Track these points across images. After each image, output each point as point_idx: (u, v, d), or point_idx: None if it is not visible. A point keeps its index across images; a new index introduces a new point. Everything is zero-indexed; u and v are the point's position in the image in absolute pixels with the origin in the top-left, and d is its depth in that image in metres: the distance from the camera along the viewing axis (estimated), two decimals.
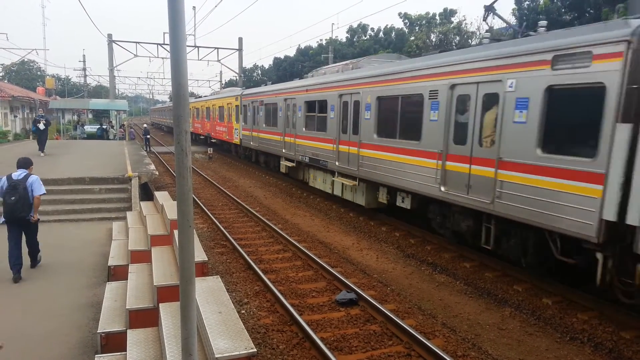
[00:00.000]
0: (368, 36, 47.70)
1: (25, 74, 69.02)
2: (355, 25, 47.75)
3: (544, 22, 8.72)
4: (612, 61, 6.08)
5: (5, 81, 47.39)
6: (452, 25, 35.89)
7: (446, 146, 9.20)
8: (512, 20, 29.08)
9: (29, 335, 5.62)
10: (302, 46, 53.74)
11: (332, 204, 14.97)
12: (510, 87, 7.65)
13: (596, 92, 6.22)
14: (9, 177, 7.31)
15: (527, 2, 26.62)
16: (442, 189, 9.26)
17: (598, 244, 6.29)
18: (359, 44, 45.44)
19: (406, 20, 41.03)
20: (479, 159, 8.40)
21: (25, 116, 37.12)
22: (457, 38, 34.33)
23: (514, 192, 7.60)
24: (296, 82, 18.08)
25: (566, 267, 7.46)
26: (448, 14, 38.25)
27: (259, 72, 68.79)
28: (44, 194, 7.62)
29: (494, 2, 10.50)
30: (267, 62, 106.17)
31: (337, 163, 13.79)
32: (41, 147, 19.16)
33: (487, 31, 11.06)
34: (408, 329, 6.17)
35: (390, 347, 6.05)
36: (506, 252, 8.39)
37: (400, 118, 10.88)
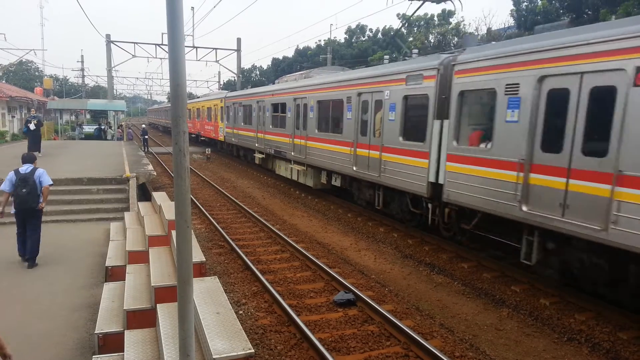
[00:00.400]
0: (366, 37, 47.75)
1: (23, 74, 68.85)
2: (353, 26, 47.81)
3: (415, 50, 12.91)
4: (431, 80, 9.55)
5: (3, 81, 47.33)
6: (450, 26, 35.96)
7: (356, 137, 12.58)
8: (511, 21, 29.14)
9: (27, 335, 5.61)
10: (301, 47, 53.80)
11: (330, 205, 14.97)
12: (387, 96, 11.02)
13: (425, 100, 9.73)
14: (17, 172, 7.88)
15: (525, 4, 26.68)
16: (354, 168, 12.69)
17: (428, 197, 9.87)
18: (358, 45, 45.47)
19: (405, 21, 41.04)
20: (374, 145, 11.69)
21: (23, 117, 37.05)
22: (456, 39, 34.38)
23: (390, 167, 11.00)
24: (265, 88, 21.64)
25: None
26: (446, 15, 38.31)
27: (257, 72, 68.79)
28: (52, 184, 8.31)
29: (397, 32, 13.85)
30: (265, 63, 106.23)
31: (292, 153, 17.05)
32: (35, 148, 18.04)
33: (485, 34, 11.08)
34: (406, 329, 6.17)
35: (388, 347, 6.05)
36: (390, 210, 12.04)
37: (331, 117, 14.18)
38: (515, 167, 7.51)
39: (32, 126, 18.53)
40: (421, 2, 12.60)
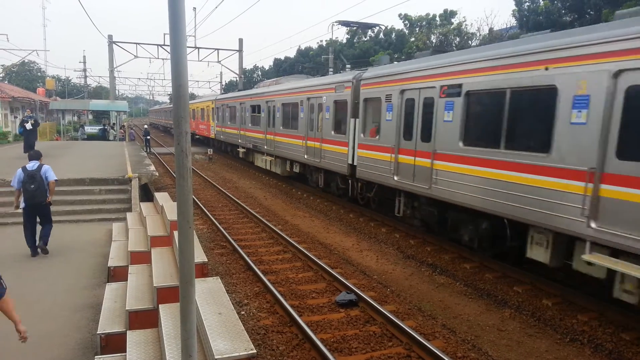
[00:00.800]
0: (368, 37, 47.73)
1: (25, 75, 69.04)
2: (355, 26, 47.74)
3: (349, 65, 15.49)
4: (348, 90, 13.13)
5: (6, 82, 47.42)
6: (452, 27, 35.91)
7: (306, 132, 15.97)
8: (513, 21, 29.09)
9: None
10: (303, 47, 53.81)
11: (332, 205, 14.97)
12: (324, 100, 14.56)
13: (344, 104, 13.35)
14: (24, 169, 8.29)
15: (527, 4, 26.63)
16: (305, 157, 16.17)
17: (348, 176, 13.43)
18: (359, 45, 45.45)
19: (406, 22, 41.02)
20: (317, 138, 15.25)
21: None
22: (457, 39, 34.33)
23: (326, 154, 14.50)
24: (246, 91, 25.30)
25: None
26: (448, 15, 38.24)
27: (259, 73, 68.84)
28: (57, 179, 8.80)
29: (342, 48, 14.53)
30: (267, 63, 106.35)
31: (265, 147, 20.56)
32: (31, 149, 17.22)
33: (487, 34, 11.25)
34: (408, 330, 6.16)
35: (390, 348, 6.04)
36: (330, 189, 15.41)
37: (291, 116, 17.51)
38: (391, 150, 11.12)
39: (28, 126, 18.09)
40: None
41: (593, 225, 6.36)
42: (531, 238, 7.74)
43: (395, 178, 10.89)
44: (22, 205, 8.32)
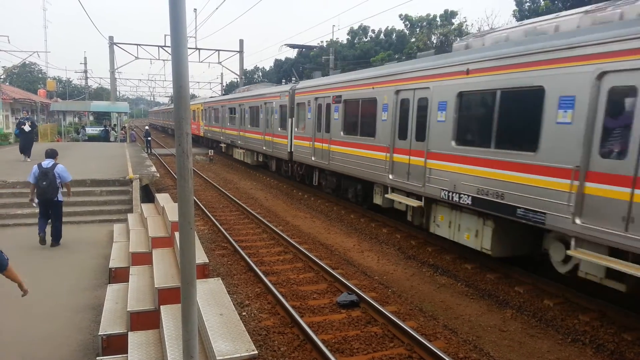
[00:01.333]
0: (369, 38, 47.73)
1: (26, 76, 69.11)
2: (356, 27, 47.80)
3: (318, 72, 20.69)
4: (287, 97, 17.70)
5: (7, 83, 47.47)
6: (452, 27, 35.91)
7: (264, 129, 20.54)
8: (514, 21, 29.07)
9: (30, 337, 5.62)
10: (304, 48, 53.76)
11: (333, 206, 14.97)
12: (274, 104, 19.22)
13: (286, 107, 17.85)
14: (40, 166, 8.84)
15: (527, 4, 26.63)
16: (264, 148, 20.90)
17: (288, 160, 18.16)
18: (360, 46, 45.46)
19: (407, 22, 41.03)
20: (269, 134, 19.92)
21: None
22: (458, 40, 34.33)
23: (277, 145, 18.99)
24: (226, 96, 31.26)
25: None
26: (449, 15, 38.24)
27: (260, 73, 68.89)
28: (71, 179, 9.41)
29: (293, 63, 19.55)
30: (268, 64, 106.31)
31: (239, 142, 25.38)
32: (26, 152, 17.31)
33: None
34: (409, 330, 6.16)
35: (392, 349, 6.04)
36: (280, 172, 20.20)
37: (255, 117, 22.10)
38: (311, 140, 15.72)
39: (26, 128, 17.54)
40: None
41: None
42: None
43: (313, 159, 15.69)
44: (36, 200, 8.98)
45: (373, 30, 47.87)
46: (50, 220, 9.17)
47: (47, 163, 8.91)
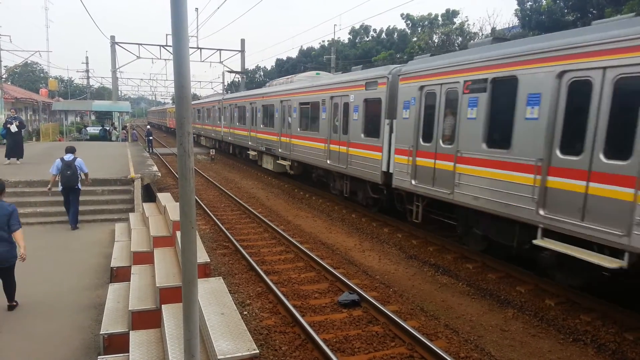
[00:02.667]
0: (370, 37, 47.68)
1: (28, 75, 69.18)
2: (357, 26, 47.76)
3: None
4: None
5: (9, 83, 47.54)
6: (454, 26, 35.85)
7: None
8: (515, 20, 29.02)
9: (32, 336, 5.63)
10: (305, 47, 53.79)
11: (335, 205, 14.96)
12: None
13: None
14: (62, 159, 10.35)
15: (529, 3, 26.56)
16: (249, 143, 23.13)
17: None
18: (362, 45, 45.42)
19: (408, 21, 40.98)
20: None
21: (28, 118, 37.23)
22: (460, 39, 34.27)
23: (257, 141, 21.87)
24: (258, 90, 28.10)
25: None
26: (450, 14, 38.19)
27: (261, 73, 68.86)
28: (88, 172, 10.94)
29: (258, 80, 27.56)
30: (269, 64, 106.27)
31: (230, 138, 28.43)
32: (18, 153, 16.05)
33: (489, 35, 11.30)
34: (411, 330, 6.16)
35: (393, 348, 6.04)
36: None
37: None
38: (278, 135, 18.70)
39: (13, 128, 15.97)
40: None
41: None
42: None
43: (280, 150, 18.81)
44: (59, 188, 10.42)
45: (375, 30, 47.83)
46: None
47: (68, 157, 10.45)
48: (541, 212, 7.18)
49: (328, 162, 14.54)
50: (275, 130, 19.25)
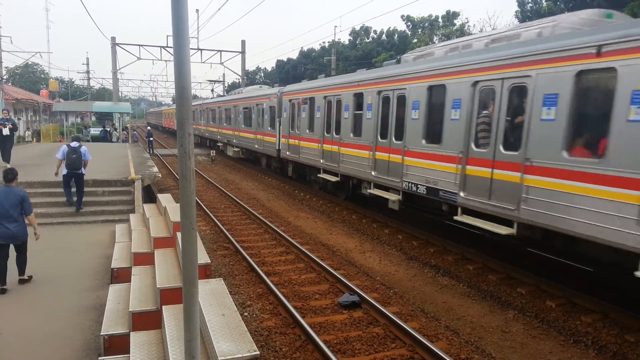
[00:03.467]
0: (371, 39, 47.76)
1: (29, 76, 69.24)
2: (358, 27, 47.83)
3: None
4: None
5: (9, 84, 47.60)
6: (454, 28, 35.91)
7: (234, 127, 26.21)
8: (516, 22, 29.05)
9: (32, 337, 5.63)
10: (305, 49, 53.88)
11: (335, 207, 14.96)
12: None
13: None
14: (69, 146, 11.43)
15: (529, 5, 26.61)
16: (234, 141, 26.53)
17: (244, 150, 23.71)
18: (362, 47, 45.49)
19: (409, 23, 41.05)
20: (235, 129, 26.19)
21: (29, 119, 37.28)
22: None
23: (238, 139, 26.07)
24: (197, 101, 39.93)
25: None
26: (451, 16, 38.26)
27: (262, 74, 68.95)
28: (90, 159, 11.89)
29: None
30: (270, 65, 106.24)
31: (218, 137, 31.21)
32: (5, 157, 15.22)
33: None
34: (411, 331, 6.15)
35: (394, 349, 6.03)
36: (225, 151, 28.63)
37: (229, 117, 27.75)
38: (232, 130, 27.04)
39: (5, 131, 15.02)
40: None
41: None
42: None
43: (256, 146, 22.43)
44: (64, 172, 11.30)
45: (375, 31, 47.93)
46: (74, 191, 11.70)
47: (74, 144, 11.53)
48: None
49: (256, 146, 22.88)
50: (231, 126, 27.71)
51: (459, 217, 8.92)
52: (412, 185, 10.41)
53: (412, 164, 10.42)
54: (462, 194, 8.83)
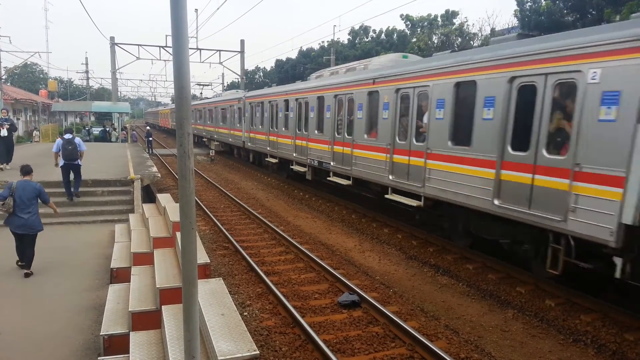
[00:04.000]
0: (370, 38, 47.73)
1: (28, 76, 69.16)
2: (357, 27, 47.80)
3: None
4: (241, 102, 25.22)
5: (8, 84, 47.54)
6: (454, 27, 35.90)
7: (230, 126, 28.06)
8: (515, 21, 29.04)
9: (32, 337, 5.63)
10: (304, 48, 53.84)
11: (334, 206, 14.96)
12: (235, 107, 26.91)
13: (240, 110, 25.34)
14: (63, 138, 11.85)
15: (529, 4, 26.58)
16: (215, 136, 31.95)
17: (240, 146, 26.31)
18: (361, 46, 45.47)
19: (408, 22, 41.02)
20: (231, 128, 27.93)
21: (28, 119, 37.24)
22: (459, 40, 34.29)
23: (218, 135, 31.71)
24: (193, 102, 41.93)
25: None
26: (450, 15, 38.23)
27: (261, 74, 68.91)
28: (85, 150, 12.36)
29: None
30: (269, 64, 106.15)
31: (215, 136, 32.42)
32: (6, 157, 14.89)
33: (488, 35, 11.67)
34: (411, 330, 6.16)
35: (393, 349, 6.04)
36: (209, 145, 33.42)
37: (212, 117, 33.24)
38: (227, 129, 28.83)
39: (3, 132, 14.63)
40: None
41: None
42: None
43: (249, 144, 23.77)
44: (60, 163, 11.70)
45: (374, 31, 47.89)
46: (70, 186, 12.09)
47: (68, 136, 11.96)
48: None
49: (230, 140, 28.08)
50: (213, 124, 32.86)
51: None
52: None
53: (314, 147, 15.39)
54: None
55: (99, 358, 4.86)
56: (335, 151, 14.04)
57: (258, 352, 4.06)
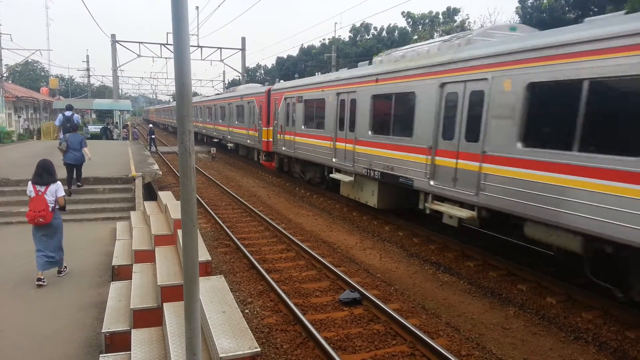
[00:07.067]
0: (371, 35, 47.66)
1: (29, 74, 69.21)
2: (358, 24, 47.72)
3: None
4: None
5: (10, 82, 47.55)
6: (455, 24, 35.83)
7: (229, 123, 28.37)
8: (516, 18, 28.95)
9: (34, 334, 5.64)
10: (305, 46, 53.83)
11: (336, 204, 14.96)
12: (228, 106, 28.82)
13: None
14: (64, 114, 14.27)
15: (530, 1, 26.51)
16: (229, 137, 28.28)
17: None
18: (362, 44, 45.40)
19: (409, 19, 40.96)
20: (226, 125, 29.13)
21: (29, 116, 37.25)
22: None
23: (235, 135, 27.17)
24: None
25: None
26: (451, 12, 38.17)
27: (262, 71, 68.86)
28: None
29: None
30: (270, 62, 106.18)
31: (214, 133, 32.85)
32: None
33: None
34: (412, 328, 6.16)
35: (394, 346, 6.04)
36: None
37: (215, 114, 31.84)
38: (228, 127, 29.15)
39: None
40: None
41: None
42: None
43: (249, 141, 23.99)
44: (61, 137, 12.79)
45: (375, 28, 47.83)
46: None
47: (68, 113, 14.17)
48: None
49: (248, 141, 24.61)
50: (212, 122, 33.70)
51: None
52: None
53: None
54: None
55: (100, 356, 4.86)
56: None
57: (259, 349, 4.06)
